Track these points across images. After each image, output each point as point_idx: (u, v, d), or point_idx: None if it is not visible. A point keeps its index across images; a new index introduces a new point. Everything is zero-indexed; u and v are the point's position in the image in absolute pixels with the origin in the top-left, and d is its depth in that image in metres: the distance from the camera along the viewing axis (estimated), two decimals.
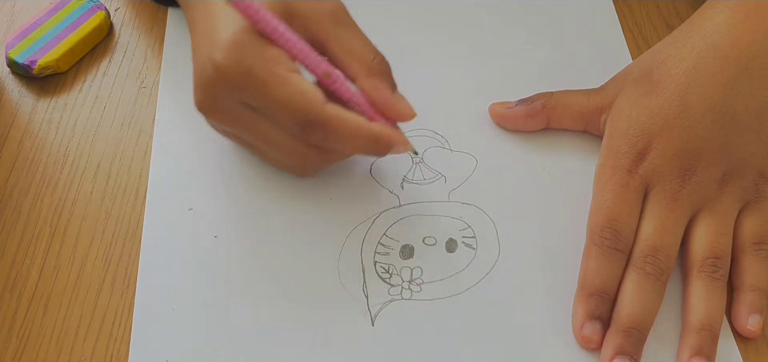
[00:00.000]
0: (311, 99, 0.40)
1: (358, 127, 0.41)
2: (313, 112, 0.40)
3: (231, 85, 0.40)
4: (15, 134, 0.50)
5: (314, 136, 0.41)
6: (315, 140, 0.41)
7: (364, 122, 0.41)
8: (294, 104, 0.40)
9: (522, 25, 0.54)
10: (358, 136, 0.41)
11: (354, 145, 0.41)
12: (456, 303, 0.42)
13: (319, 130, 0.40)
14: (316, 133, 0.40)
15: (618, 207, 0.42)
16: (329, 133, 0.40)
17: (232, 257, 0.44)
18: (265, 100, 0.40)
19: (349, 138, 0.41)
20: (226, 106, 0.41)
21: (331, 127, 0.40)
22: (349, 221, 0.45)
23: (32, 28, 0.53)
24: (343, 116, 0.40)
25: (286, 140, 0.42)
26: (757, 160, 0.43)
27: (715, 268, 0.41)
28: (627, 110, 0.44)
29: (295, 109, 0.40)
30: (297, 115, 0.40)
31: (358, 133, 0.41)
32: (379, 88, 0.42)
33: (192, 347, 0.41)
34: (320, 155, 0.43)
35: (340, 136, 0.40)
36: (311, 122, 0.40)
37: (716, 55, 0.43)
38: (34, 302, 0.42)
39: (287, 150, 0.42)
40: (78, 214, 0.46)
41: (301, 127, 0.40)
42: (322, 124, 0.40)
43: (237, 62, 0.39)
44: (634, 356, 0.39)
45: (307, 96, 0.40)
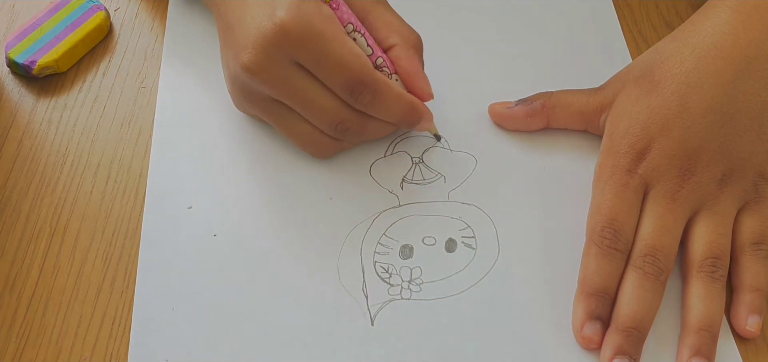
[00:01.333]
0: (365, 62, 0.43)
1: (400, 93, 0.44)
2: (366, 73, 0.42)
3: (291, 41, 0.41)
4: (15, 134, 0.50)
5: (363, 98, 0.43)
6: (362, 102, 0.43)
7: (404, 92, 0.45)
8: (350, 63, 0.42)
9: (522, 25, 0.54)
10: (399, 101, 0.44)
11: (395, 110, 0.44)
12: (455, 303, 0.42)
13: (369, 91, 0.43)
14: (365, 94, 0.43)
15: (617, 206, 0.42)
16: (377, 96, 0.43)
17: (232, 256, 0.44)
18: (322, 56, 0.42)
19: (393, 102, 0.44)
20: (278, 65, 0.42)
21: (379, 89, 0.43)
22: (349, 221, 0.45)
23: (32, 28, 0.53)
24: (389, 82, 0.44)
25: (330, 103, 0.43)
26: (757, 160, 0.43)
27: (715, 268, 0.41)
28: (627, 110, 0.44)
29: (350, 68, 0.42)
30: (351, 73, 0.42)
31: (400, 99, 0.44)
32: (412, 59, 0.45)
33: (192, 347, 0.41)
34: (359, 121, 0.44)
35: (386, 99, 0.43)
36: (363, 82, 0.42)
37: (717, 55, 0.42)
38: (34, 302, 0.42)
39: (328, 112, 0.43)
40: (78, 214, 0.46)
41: (352, 88, 0.42)
42: (372, 84, 0.43)
43: (299, 17, 0.41)
44: (633, 356, 0.39)
45: (362, 58, 0.43)
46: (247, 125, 0.49)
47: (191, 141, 0.48)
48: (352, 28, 0.44)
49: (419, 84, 0.45)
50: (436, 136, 0.48)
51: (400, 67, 0.45)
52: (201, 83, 0.51)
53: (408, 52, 0.45)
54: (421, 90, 0.46)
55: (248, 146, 0.48)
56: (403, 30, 0.46)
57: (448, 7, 0.55)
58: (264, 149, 0.48)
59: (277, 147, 0.48)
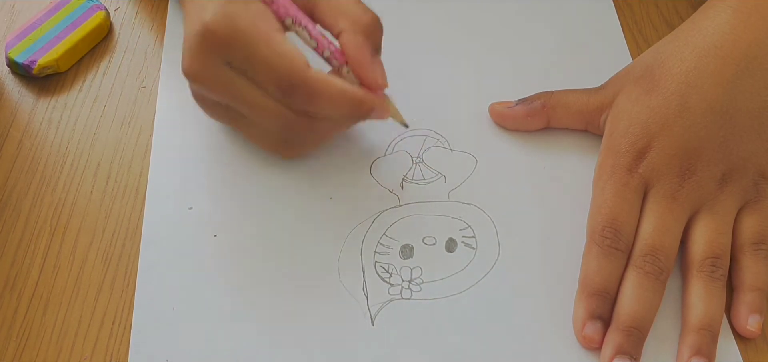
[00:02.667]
0: (294, 60, 0.40)
1: (341, 90, 0.41)
2: (295, 74, 0.40)
3: (217, 43, 0.39)
4: (15, 134, 0.50)
5: (297, 100, 0.40)
6: (297, 104, 0.41)
7: (347, 86, 0.41)
8: (276, 64, 0.39)
9: (522, 25, 0.54)
10: (340, 98, 0.41)
11: (336, 108, 0.41)
12: (456, 303, 0.42)
13: (301, 92, 0.40)
14: (298, 95, 0.40)
15: (618, 206, 0.42)
16: (312, 97, 0.40)
17: (232, 257, 0.44)
18: (248, 58, 0.40)
19: (332, 101, 0.40)
20: (211, 69, 0.40)
21: (313, 89, 0.40)
22: (349, 221, 0.45)
23: (32, 28, 0.53)
24: (327, 79, 0.40)
25: (269, 105, 0.41)
26: (758, 159, 0.43)
27: (715, 268, 0.41)
28: (627, 109, 0.44)
29: (277, 69, 0.40)
30: (279, 75, 0.40)
31: (341, 95, 0.41)
32: (360, 46, 0.41)
33: (192, 346, 0.41)
34: (305, 123, 0.42)
35: (322, 98, 0.40)
36: (292, 84, 0.40)
37: (717, 55, 0.42)
38: (34, 302, 0.42)
39: (271, 116, 0.42)
40: (78, 214, 0.46)
41: (284, 90, 0.40)
42: (303, 85, 0.40)
43: (223, 17, 0.39)
44: (634, 355, 0.39)
45: (289, 56, 0.40)
46: None
47: (191, 141, 0.48)
48: (292, 22, 0.41)
49: (366, 73, 0.42)
50: (402, 123, 0.45)
51: (348, 56, 0.42)
52: None
53: (355, 39, 0.41)
54: (369, 79, 0.42)
55: (248, 146, 0.48)
56: (353, 12, 0.42)
57: (448, 7, 0.55)
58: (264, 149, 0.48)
59: None
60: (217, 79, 0.41)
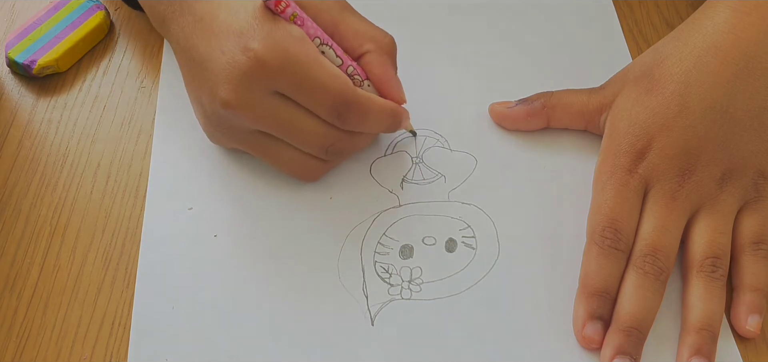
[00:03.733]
0: (345, 80, 0.41)
1: (383, 105, 0.44)
2: (349, 94, 0.41)
3: (269, 72, 0.40)
4: (15, 134, 0.50)
5: (351, 118, 0.42)
6: (350, 122, 0.42)
7: (387, 102, 0.44)
8: (332, 86, 0.41)
9: (522, 25, 0.54)
10: (383, 112, 0.43)
11: (381, 122, 0.44)
12: (456, 303, 0.42)
13: (355, 110, 0.42)
14: (353, 114, 0.42)
15: (618, 206, 0.42)
16: (364, 113, 0.42)
17: (232, 257, 0.44)
18: (303, 83, 0.40)
19: (378, 115, 0.43)
20: (259, 97, 0.41)
21: (364, 107, 0.42)
22: (349, 221, 0.45)
23: (32, 28, 0.53)
24: (371, 96, 0.43)
25: (318, 128, 0.42)
26: (757, 159, 0.43)
27: (715, 268, 0.41)
28: (627, 109, 0.44)
29: (333, 91, 0.41)
30: (335, 96, 0.41)
31: (383, 110, 0.43)
32: (385, 65, 0.44)
33: (192, 347, 0.41)
34: (348, 139, 0.44)
35: (372, 114, 0.43)
36: (348, 103, 0.41)
37: (716, 55, 0.42)
38: (33, 302, 0.42)
39: (316, 137, 0.42)
40: (78, 214, 0.46)
41: (338, 111, 0.41)
42: (356, 104, 0.42)
43: (274, 46, 0.40)
44: (634, 355, 0.39)
45: (341, 78, 0.41)
46: None
47: (191, 141, 0.48)
48: (319, 42, 0.42)
49: (393, 90, 0.45)
50: (412, 132, 0.48)
51: (374, 74, 0.44)
52: None
53: (381, 58, 0.44)
54: (395, 95, 0.45)
55: None
56: (376, 35, 0.44)
57: (448, 7, 0.55)
58: None
59: None
60: (264, 108, 0.41)
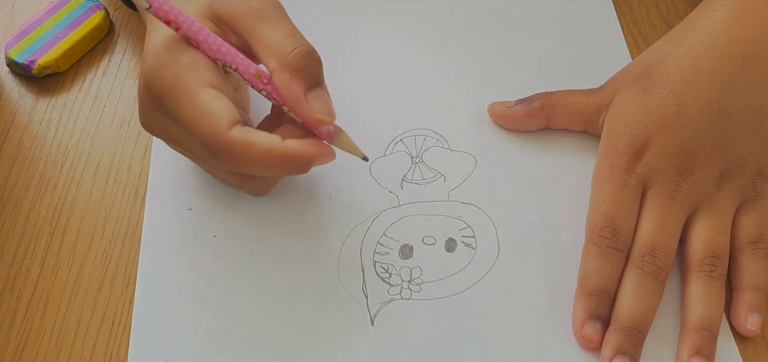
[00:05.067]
0: (214, 121, 0.36)
1: (269, 149, 0.37)
2: (214, 136, 0.36)
3: (152, 96, 0.38)
4: (14, 134, 0.50)
5: (221, 163, 0.38)
6: (223, 167, 0.39)
7: (276, 143, 0.37)
8: (197, 126, 0.37)
9: (522, 25, 0.54)
10: (268, 159, 0.37)
11: (266, 168, 0.38)
12: (455, 303, 0.42)
13: (223, 155, 0.37)
14: (222, 159, 0.37)
15: (616, 206, 0.42)
16: (234, 159, 0.37)
17: (232, 257, 0.44)
18: (176, 117, 0.38)
19: (258, 162, 0.37)
20: (155, 119, 0.39)
21: (235, 152, 0.37)
22: (349, 221, 0.45)
23: (32, 28, 0.53)
24: (250, 139, 0.37)
25: (206, 159, 0.39)
26: (755, 158, 0.43)
27: (714, 268, 0.41)
28: (625, 109, 0.44)
29: (198, 132, 0.37)
30: (200, 138, 0.37)
31: (269, 155, 0.37)
32: (289, 85, 0.37)
33: (192, 347, 0.41)
34: (241, 178, 0.40)
35: (247, 161, 0.37)
36: (212, 148, 0.37)
37: (713, 54, 0.43)
38: (33, 301, 0.42)
39: (212, 169, 0.41)
40: (77, 214, 0.46)
41: (210, 153, 0.37)
42: (224, 150, 0.37)
43: (154, 69, 0.38)
44: (633, 355, 0.39)
45: (211, 118, 0.36)
46: None
47: None
48: (223, 65, 0.39)
49: (301, 111, 0.38)
50: (362, 158, 0.41)
51: (283, 98, 0.38)
52: None
53: (283, 78, 0.38)
54: (306, 117, 0.38)
55: None
56: (281, 50, 0.38)
57: (448, 7, 0.55)
58: None
59: None
60: (163, 130, 0.40)
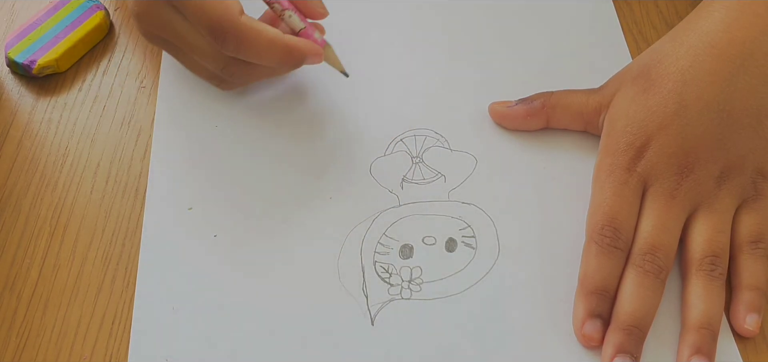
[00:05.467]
0: (227, 7, 0.41)
1: (273, 38, 0.42)
2: (226, 20, 0.41)
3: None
4: (14, 134, 0.50)
5: (227, 46, 0.42)
6: (228, 50, 0.42)
7: (278, 34, 0.43)
8: (209, 10, 0.41)
9: (522, 25, 0.54)
10: (272, 46, 0.42)
11: (269, 56, 0.43)
12: (456, 303, 0.42)
13: (232, 39, 0.42)
14: (229, 42, 0.42)
15: (617, 205, 0.42)
16: (242, 44, 0.42)
17: (231, 257, 0.44)
18: (184, 2, 0.42)
19: (263, 49, 0.42)
20: (155, 9, 0.43)
21: (244, 37, 0.42)
22: (349, 221, 0.45)
23: (32, 28, 0.53)
24: (258, 27, 0.42)
25: (207, 47, 0.43)
26: (755, 157, 0.43)
27: (714, 267, 0.41)
28: (625, 108, 0.44)
29: (210, 15, 0.41)
30: (211, 21, 0.41)
31: (272, 44, 0.42)
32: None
33: (192, 347, 0.41)
34: (238, 66, 0.44)
35: (253, 47, 0.42)
36: (224, 30, 0.41)
37: (713, 53, 0.43)
38: (33, 301, 0.42)
39: (209, 57, 0.44)
40: (78, 214, 0.46)
41: (215, 35, 0.42)
42: (235, 33, 0.41)
43: None
44: (634, 354, 0.39)
45: (223, 3, 0.41)
46: (247, 125, 0.49)
47: (191, 141, 0.48)
48: None
49: (307, 5, 0.44)
50: (341, 72, 0.47)
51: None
52: (201, 83, 0.51)
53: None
54: (307, 7, 0.44)
55: (248, 146, 0.48)
56: None
57: (448, 7, 0.55)
58: (264, 149, 0.48)
59: (277, 147, 0.48)
60: (160, 19, 0.43)
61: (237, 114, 0.49)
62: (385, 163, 0.47)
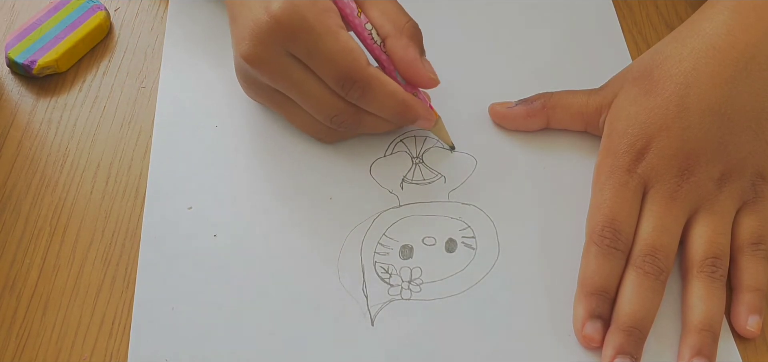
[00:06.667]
0: (357, 56, 0.43)
1: (393, 90, 0.44)
2: (356, 69, 0.43)
3: (284, 33, 0.42)
4: (15, 134, 0.50)
5: (353, 93, 0.43)
6: (353, 97, 0.44)
7: (399, 89, 0.44)
8: (340, 58, 0.42)
9: (522, 25, 0.54)
10: (392, 98, 0.44)
11: (388, 107, 0.44)
12: (455, 303, 0.42)
13: (359, 87, 0.43)
14: (356, 90, 0.43)
15: (617, 206, 0.42)
16: (367, 92, 0.43)
17: (231, 257, 0.44)
18: (313, 50, 0.42)
19: (385, 98, 0.44)
20: (274, 56, 0.43)
21: (369, 85, 0.43)
22: (349, 221, 0.45)
23: (32, 28, 0.53)
24: (382, 78, 0.44)
25: (324, 95, 0.44)
26: (755, 160, 0.43)
27: (715, 268, 0.41)
28: (626, 109, 0.44)
29: (340, 63, 0.42)
30: (341, 69, 0.42)
31: (393, 95, 0.44)
32: (407, 48, 0.44)
33: (191, 347, 0.41)
34: (354, 115, 0.45)
35: (376, 96, 0.43)
36: (352, 78, 0.43)
37: (715, 56, 0.43)
38: (33, 302, 0.42)
39: (323, 105, 0.44)
40: (78, 214, 0.46)
41: (343, 82, 0.43)
42: (362, 81, 0.43)
43: (292, 11, 0.42)
44: (634, 355, 0.39)
45: (353, 53, 0.43)
46: (248, 125, 0.49)
47: (191, 141, 0.48)
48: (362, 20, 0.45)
49: (417, 72, 0.45)
50: (449, 146, 0.48)
51: (395, 59, 0.45)
52: (201, 83, 0.51)
53: (401, 42, 0.45)
54: (420, 77, 0.45)
55: (248, 146, 0.48)
56: (399, 17, 0.45)
57: (448, 7, 0.55)
58: (264, 149, 0.48)
59: (278, 147, 0.48)
60: (277, 67, 0.43)
61: (237, 114, 0.49)
62: (385, 163, 0.47)
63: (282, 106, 0.46)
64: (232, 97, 0.50)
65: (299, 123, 0.47)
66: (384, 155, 0.48)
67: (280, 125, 0.49)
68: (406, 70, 0.45)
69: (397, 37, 0.45)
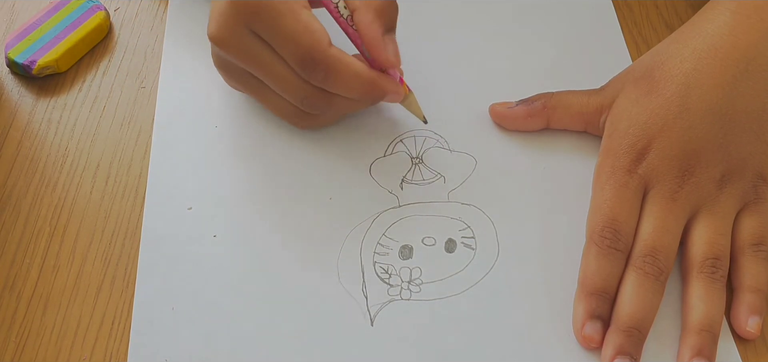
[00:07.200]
0: (318, 37, 0.41)
1: (358, 70, 0.43)
2: (316, 50, 0.41)
3: (245, 12, 0.41)
4: (14, 134, 0.50)
5: (315, 75, 0.42)
6: (316, 79, 0.42)
7: (364, 68, 0.43)
8: (300, 38, 0.41)
9: (522, 26, 0.54)
10: (357, 79, 0.43)
11: (353, 87, 0.43)
12: (455, 304, 0.42)
13: (321, 68, 0.42)
14: (318, 71, 0.42)
15: (617, 206, 0.42)
16: (330, 74, 0.42)
17: (231, 257, 0.44)
18: (273, 30, 0.41)
19: (349, 79, 0.42)
20: (237, 36, 0.42)
21: (331, 67, 0.42)
22: (349, 221, 0.45)
23: (32, 28, 0.53)
24: (345, 59, 0.42)
25: (290, 76, 0.43)
26: (756, 161, 0.43)
27: (715, 269, 0.41)
28: (627, 110, 0.44)
29: (300, 44, 0.41)
30: (301, 49, 0.41)
31: (358, 76, 0.43)
32: (371, 24, 0.43)
33: (191, 347, 0.41)
34: (322, 98, 0.44)
35: (339, 77, 0.42)
36: (313, 59, 0.41)
37: (716, 57, 0.43)
38: (33, 302, 0.42)
39: (291, 88, 0.43)
40: (77, 214, 0.46)
41: (304, 63, 0.42)
42: (323, 62, 0.41)
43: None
44: (634, 355, 0.39)
45: (314, 34, 0.41)
46: (248, 125, 0.49)
47: (191, 141, 0.48)
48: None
49: (377, 51, 0.43)
50: (421, 119, 0.47)
51: (360, 34, 0.43)
52: (201, 83, 0.51)
53: (366, 17, 0.43)
54: (380, 57, 0.43)
55: (248, 146, 0.48)
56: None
57: (448, 7, 0.55)
58: (264, 150, 0.48)
59: (278, 147, 0.48)
60: (242, 47, 0.43)
61: (237, 114, 0.49)
62: (384, 163, 0.47)
63: (256, 90, 0.46)
64: (231, 97, 0.50)
65: (273, 107, 0.46)
66: (384, 155, 0.48)
67: (279, 125, 0.49)
68: (368, 47, 0.44)
69: (365, 11, 0.43)
